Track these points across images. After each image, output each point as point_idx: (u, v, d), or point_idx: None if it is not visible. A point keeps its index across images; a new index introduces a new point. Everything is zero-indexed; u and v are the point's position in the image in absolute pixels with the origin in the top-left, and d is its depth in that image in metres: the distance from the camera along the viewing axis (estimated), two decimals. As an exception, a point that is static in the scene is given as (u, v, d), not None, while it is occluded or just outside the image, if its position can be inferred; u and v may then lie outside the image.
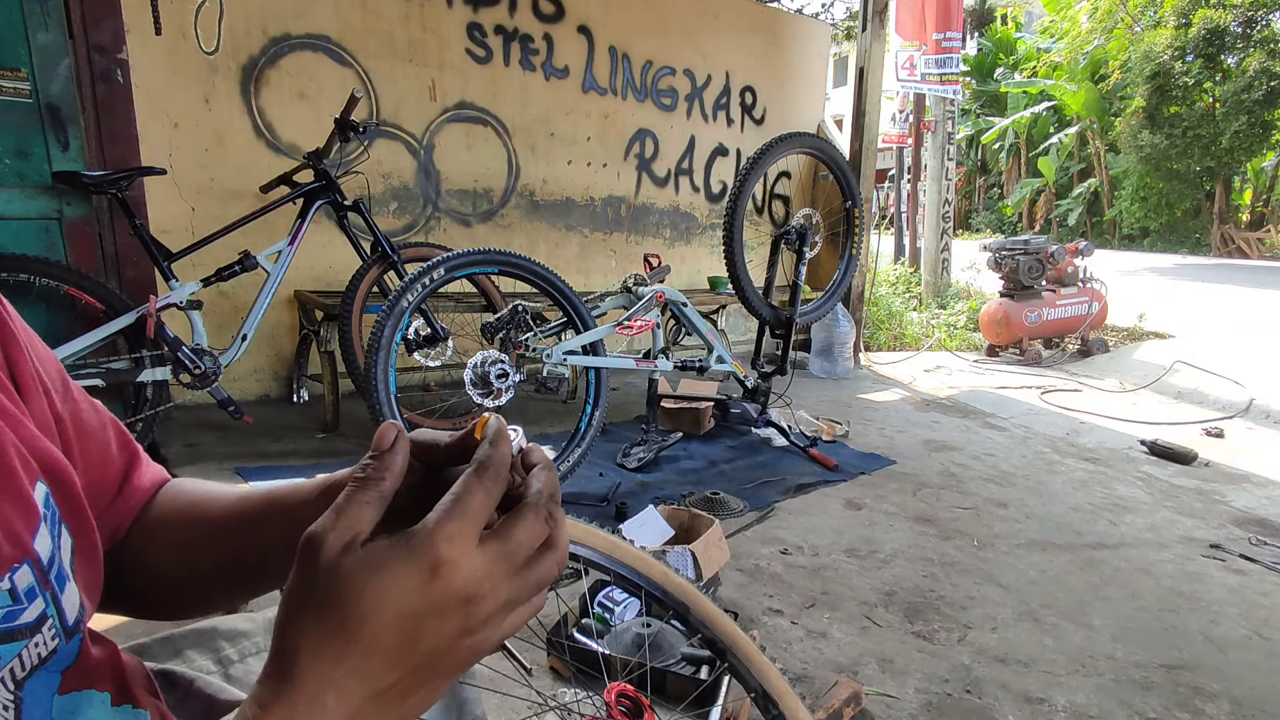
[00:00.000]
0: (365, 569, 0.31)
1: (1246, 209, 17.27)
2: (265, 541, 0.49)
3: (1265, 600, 2.01)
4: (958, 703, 1.51)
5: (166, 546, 0.52)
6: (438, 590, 0.31)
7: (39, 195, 2.53)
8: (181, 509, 0.54)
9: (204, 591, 0.53)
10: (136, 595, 0.53)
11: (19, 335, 0.44)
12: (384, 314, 2.25)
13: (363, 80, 3.48)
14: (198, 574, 0.52)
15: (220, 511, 0.52)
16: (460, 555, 0.31)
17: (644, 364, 2.81)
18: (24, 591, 0.37)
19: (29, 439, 0.41)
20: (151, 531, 0.53)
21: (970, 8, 18.41)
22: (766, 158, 2.95)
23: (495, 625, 0.34)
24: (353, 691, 0.31)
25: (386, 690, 0.32)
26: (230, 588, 0.53)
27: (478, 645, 0.34)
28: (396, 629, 0.31)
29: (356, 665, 0.31)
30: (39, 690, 0.39)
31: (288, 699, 0.30)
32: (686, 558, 1.81)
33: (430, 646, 0.32)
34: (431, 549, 0.31)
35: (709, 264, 5.10)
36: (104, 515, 0.51)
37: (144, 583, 0.53)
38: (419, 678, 0.32)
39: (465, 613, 0.32)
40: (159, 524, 0.53)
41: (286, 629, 0.32)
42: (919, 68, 6.05)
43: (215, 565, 0.51)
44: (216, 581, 0.52)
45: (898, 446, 3.23)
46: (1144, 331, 6.20)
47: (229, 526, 0.51)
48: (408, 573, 0.31)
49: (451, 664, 0.33)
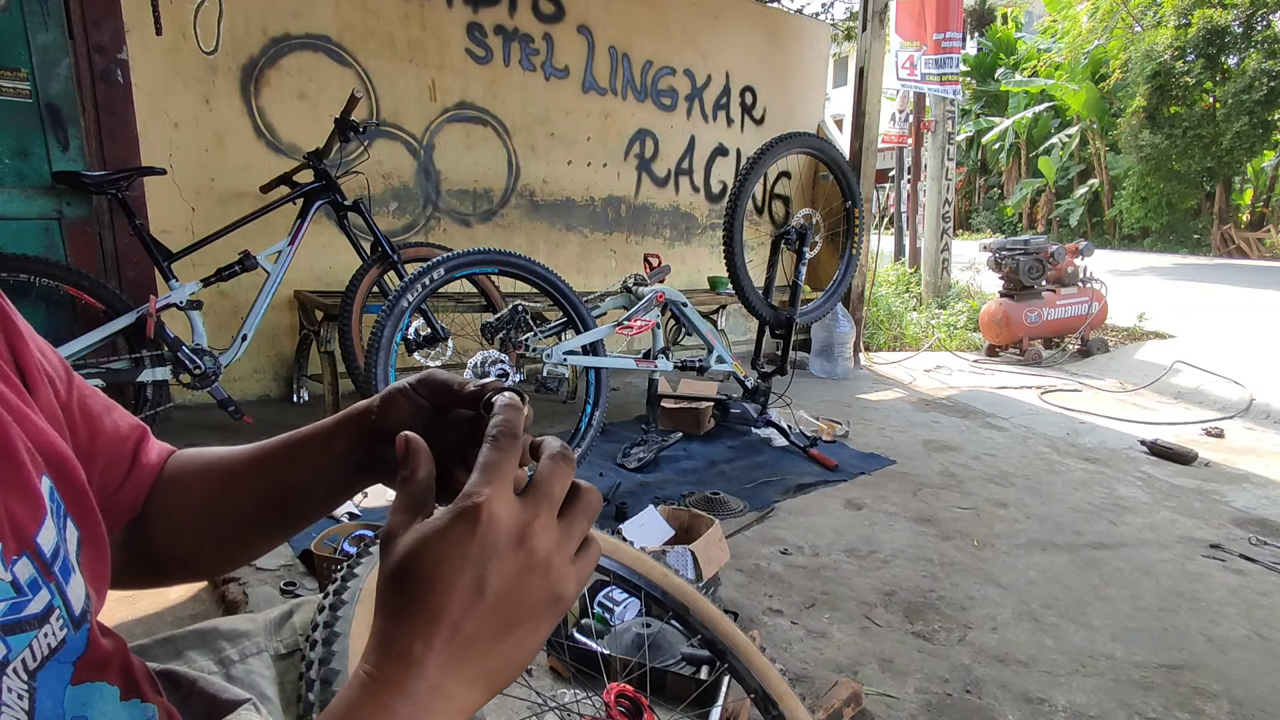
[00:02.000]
0: (423, 538, 0.35)
1: (1246, 209, 17.26)
2: (298, 474, 0.53)
3: (1265, 600, 2.02)
4: (958, 703, 1.51)
5: (191, 506, 0.55)
6: (488, 537, 0.34)
7: (39, 195, 2.53)
8: (200, 468, 0.56)
9: (241, 538, 0.57)
10: (181, 560, 0.56)
11: (22, 329, 0.45)
12: (384, 314, 2.25)
13: (363, 80, 3.48)
14: (232, 522, 0.55)
15: (241, 462, 0.55)
16: (499, 505, 0.35)
17: (644, 364, 2.81)
18: (26, 583, 0.37)
19: (35, 433, 0.42)
20: (170, 497, 0.55)
21: (970, 8, 18.43)
22: (766, 158, 2.95)
23: (561, 564, 0.37)
24: (437, 637, 0.34)
25: (473, 635, 0.35)
26: (269, 529, 0.56)
27: (551, 585, 0.36)
28: (462, 577, 0.34)
29: (433, 611, 0.34)
30: (52, 681, 0.40)
31: (385, 654, 0.35)
32: (686, 558, 1.81)
33: (500, 589, 0.35)
34: (472, 506, 0.35)
35: (709, 264, 5.10)
36: (119, 492, 0.53)
37: (183, 547, 0.55)
38: (502, 618, 0.35)
39: (524, 552, 0.35)
40: (176, 488, 0.55)
41: (380, 608, 0.36)
42: (919, 68, 6.05)
43: (247, 510, 0.55)
44: (253, 526, 0.56)
45: (898, 446, 3.23)
46: (1144, 331, 6.20)
47: (254, 473, 0.54)
48: (457, 530, 0.35)
49: (530, 604, 0.36)
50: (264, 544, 0.58)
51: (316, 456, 0.52)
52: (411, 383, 0.50)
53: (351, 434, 0.51)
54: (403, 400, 0.49)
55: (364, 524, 1.92)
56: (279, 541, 0.58)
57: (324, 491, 0.53)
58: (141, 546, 0.54)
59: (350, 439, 0.51)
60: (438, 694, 0.34)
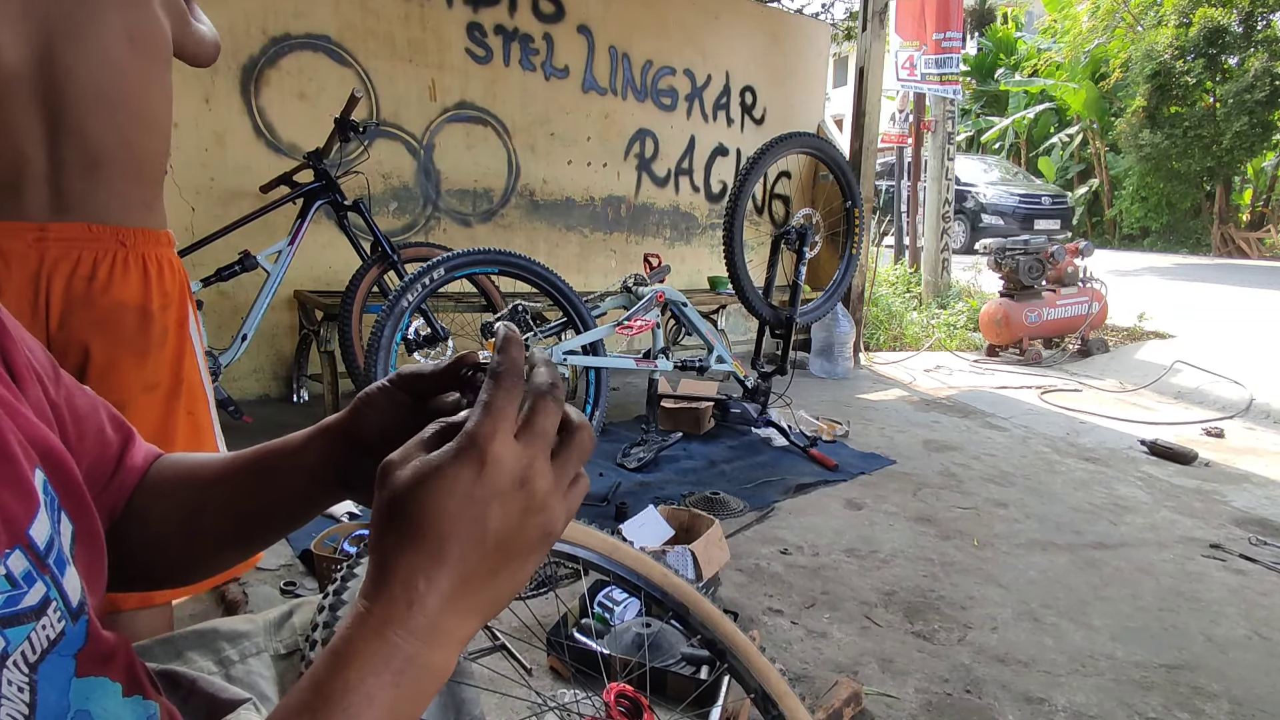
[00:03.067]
0: (425, 476, 0.35)
1: (1246, 209, 17.25)
2: (266, 490, 0.52)
3: (1265, 600, 2.01)
4: (958, 703, 1.51)
5: (165, 514, 0.54)
6: (492, 478, 0.35)
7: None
8: (174, 477, 0.55)
9: (214, 550, 0.56)
10: (150, 570, 0.55)
11: (9, 325, 0.45)
12: (384, 314, 2.25)
13: (363, 80, 3.48)
14: (203, 534, 0.54)
15: (215, 471, 0.54)
16: (501, 446, 0.35)
17: (644, 364, 2.81)
18: (20, 576, 0.37)
19: (27, 426, 0.41)
20: (147, 502, 0.54)
21: (970, 8, 18.41)
22: (767, 158, 2.95)
23: (556, 501, 0.37)
24: (440, 575, 0.35)
25: (472, 572, 0.35)
26: (239, 542, 0.55)
27: (546, 523, 0.37)
28: (465, 518, 0.35)
29: (436, 548, 0.35)
30: (54, 674, 0.39)
31: (386, 590, 0.35)
32: (686, 558, 1.81)
33: (499, 527, 0.35)
34: (476, 447, 0.35)
35: (709, 264, 5.10)
36: (102, 495, 0.52)
37: (155, 554, 0.54)
38: (501, 556, 0.36)
39: (524, 493, 0.36)
40: (154, 494, 0.55)
41: (376, 541, 0.36)
42: (919, 68, 6.05)
43: (218, 523, 0.54)
44: (223, 539, 0.55)
45: (898, 446, 3.23)
46: (1144, 331, 6.19)
47: (226, 483, 0.53)
48: (462, 470, 0.35)
49: (526, 541, 0.37)
50: (232, 557, 0.57)
51: (286, 469, 0.51)
52: (390, 379, 0.49)
53: (321, 447, 0.50)
54: (381, 397, 0.49)
55: (364, 524, 1.92)
56: (247, 555, 0.57)
57: (291, 506, 0.53)
58: (115, 552, 0.52)
59: (320, 452, 0.50)
60: (438, 629, 0.35)
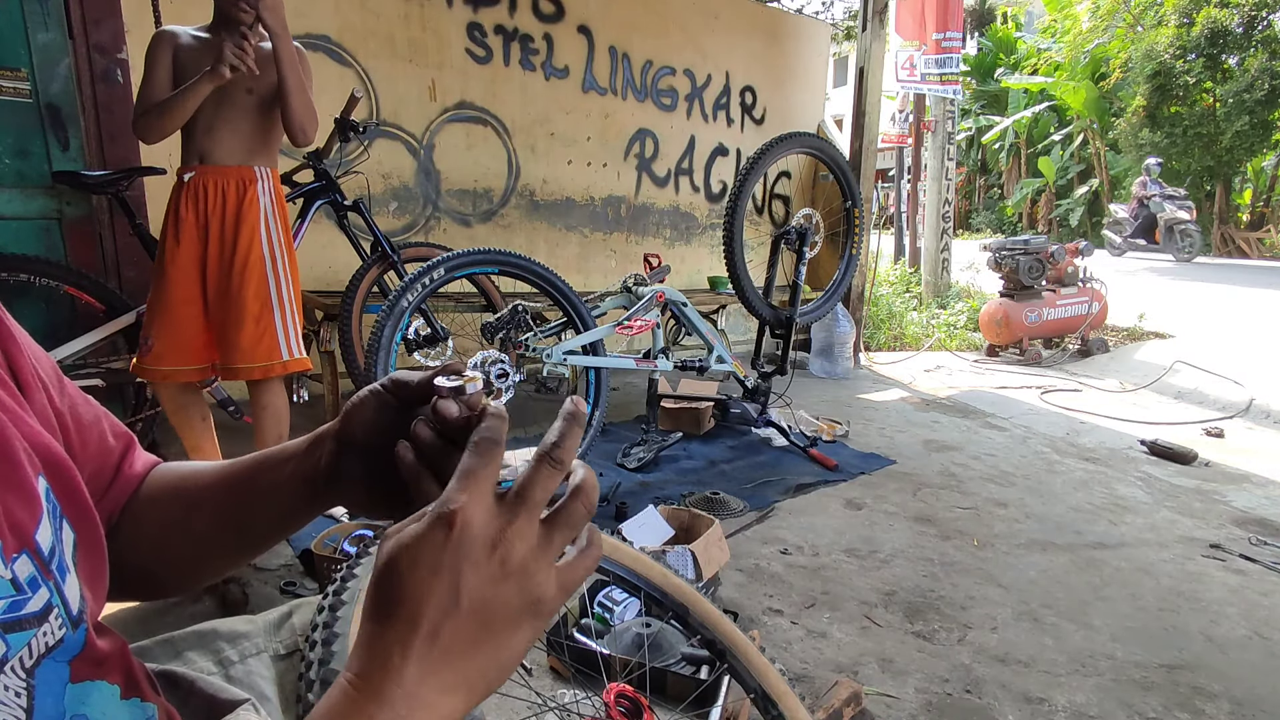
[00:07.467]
0: (400, 544, 0.35)
1: (1246, 209, 17.24)
2: (258, 499, 0.52)
3: (1265, 600, 2.01)
4: (958, 703, 1.51)
5: (158, 522, 0.54)
6: (462, 544, 0.34)
7: (39, 195, 2.53)
8: (168, 486, 0.56)
9: (207, 559, 0.56)
10: (146, 577, 0.56)
11: (15, 333, 0.45)
12: (384, 314, 2.25)
13: (363, 80, 3.48)
14: (195, 543, 0.55)
15: (207, 480, 0.54)
16: (472, 508, 0.35)
17: (644, 364, 2.81)
18: (26, 581, 0.37)
19: (31, 434, 0.42)
20: (142, 511, 0.55)
21: (970, 8, 18.41)
22: (767, 158, 2.95)
23: (540, 567, 0.36)
24: (415, 644, 0.34)
25: (451, 642, 0.34)
26: (231, 552, 0.56)
27: (529, 589, 0.36)
28: (436, 582, 0.34)
29: (410, 618, 0.34)
30: (50, 678, 0.40)
31: (365, 662, 0.35)
32: (686, 558, 1.81)
33: (475, 596, 0.34)
34: (445, 510, 0.35)
35: (709, 264, 5.10)
36: (102, 501, 0.53)
37: (147, 562, 0.55)
38: (478, 624, 0.35)
39: (498, 558, 0.35)
40: (148, 503, 0.55)
41: (364, 612, 0.36)
42: (919, 68, 6.05)
43: (210, 531, 0.54)
44: (216, 548, 0.55)
45: (898, 446, 3.23)
46: (1144, 331, 6.19)
47: (218, 492, 0.54)
48: (431, 534, 0.34)
49: (506, 609, 0.35)
50: (223, 566, 0.57)
51: (277, 478, 0.52)
52: (382, 382, 0.50)
53: (315, 453, 0.51)
54: (370, 400, 0.50)
55: (364, 524, 1.92)
56: (239, 564, 0.57)
57: (280, 513, 0.53)
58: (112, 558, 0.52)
59: (314, 459, 0.51)
60: (416, 701, 0.34)
